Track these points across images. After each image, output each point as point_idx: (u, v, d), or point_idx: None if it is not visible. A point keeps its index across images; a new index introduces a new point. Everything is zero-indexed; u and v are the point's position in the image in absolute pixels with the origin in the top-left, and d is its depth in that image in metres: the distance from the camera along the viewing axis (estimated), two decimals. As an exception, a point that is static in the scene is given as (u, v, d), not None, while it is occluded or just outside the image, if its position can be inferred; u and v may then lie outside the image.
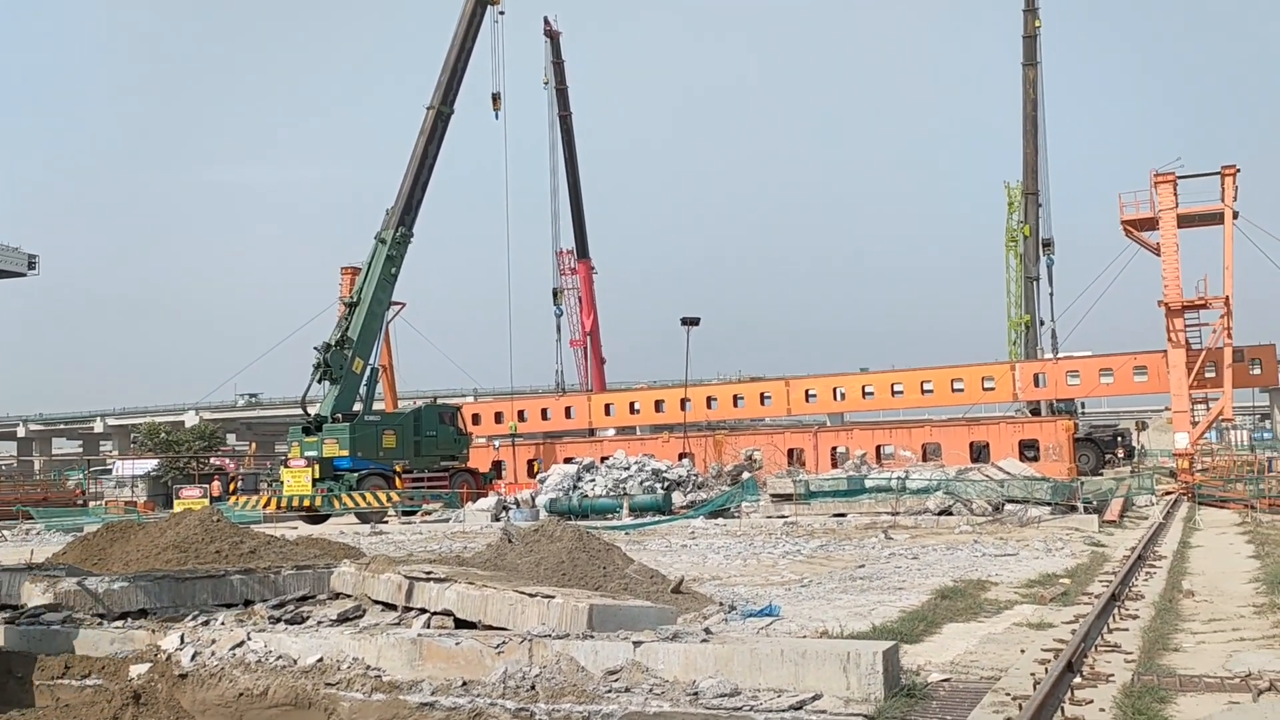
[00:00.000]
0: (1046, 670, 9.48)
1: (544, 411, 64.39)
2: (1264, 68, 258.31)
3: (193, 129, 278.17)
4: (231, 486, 44.97)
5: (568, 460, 45.75)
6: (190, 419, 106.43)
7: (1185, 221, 41.20)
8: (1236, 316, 41.01)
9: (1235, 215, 40.76)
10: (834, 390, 59.73)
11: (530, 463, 54.70)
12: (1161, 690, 9.20)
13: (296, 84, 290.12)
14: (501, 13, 49.59)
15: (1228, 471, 42.20)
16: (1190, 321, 42.03)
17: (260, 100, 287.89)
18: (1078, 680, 9.55)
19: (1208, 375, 42.45)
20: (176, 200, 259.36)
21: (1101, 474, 48.72)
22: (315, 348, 44.08)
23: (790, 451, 49.74)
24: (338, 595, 13.14)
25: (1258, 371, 50.05)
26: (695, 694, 8.58)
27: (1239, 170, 40.90)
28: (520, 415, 62.30)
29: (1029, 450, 45.61)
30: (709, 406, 60.74)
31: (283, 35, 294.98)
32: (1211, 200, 41.04)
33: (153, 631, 11.37)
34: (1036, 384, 54.00)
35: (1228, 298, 40.49)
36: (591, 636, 9.55)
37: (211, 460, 65.91)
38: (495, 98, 51.10)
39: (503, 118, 51.40)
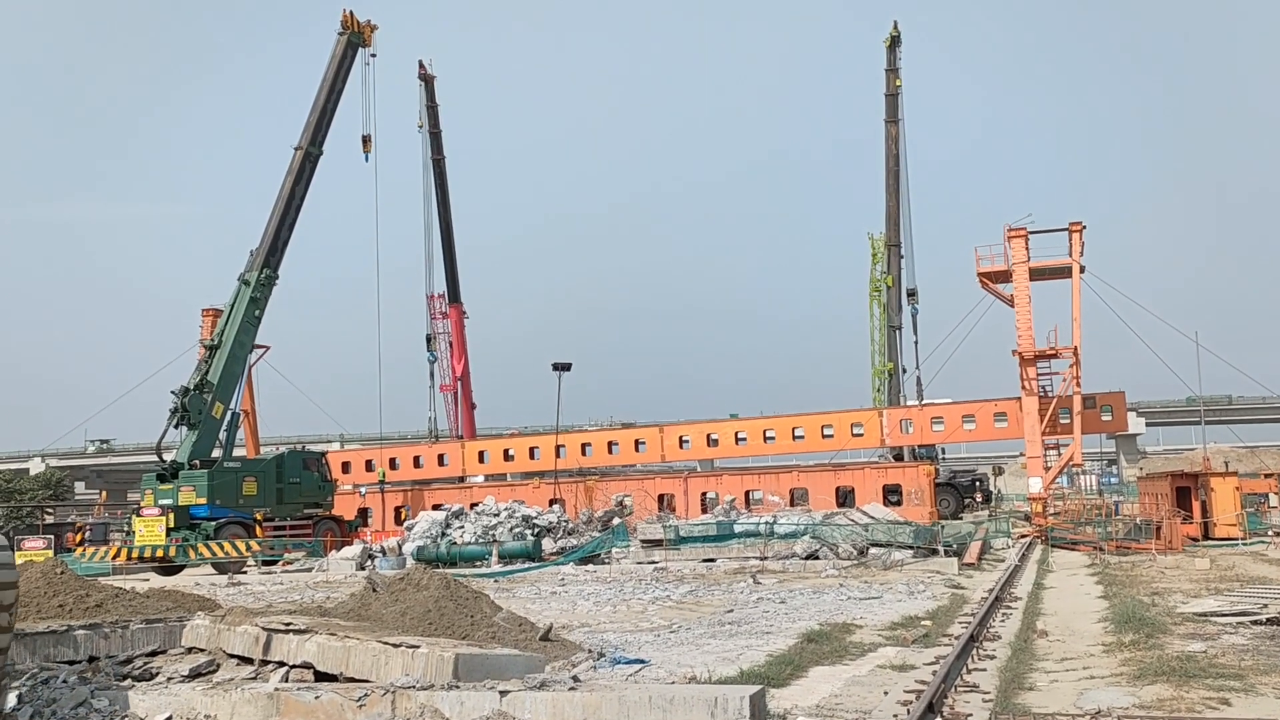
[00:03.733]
0: (908, 711, 9.66)
1: (417, 459, 63.38)
2: (1114, 124, 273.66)
3: (46, 161, 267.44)
4: (78, 537, 42.81)
5: (436, 507, 44.99)
6: (36, 466, 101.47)
7: (1036, 275, 43.05)
8: (1085, 365, 42.98)
9: (1082, 269, 42.79)
10: (707, 436, 60.33)
11: (398, 510, 53.64)
12: (1017, 728, 9.46)
13: (159, 119, 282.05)
14: (373, 55, 49.33)
15: (1078, 515, 44.00)
16: (1042, 370, 43.80)
17: (120, 135, 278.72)
18: (938, 720, 9.75)
19: (1062, 421, 44.23)
20: (24, 236, 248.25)
21: (961, 518, 50.20)
22: (173, 392, 42.56)
23: (661, 497, 49.92)
24: (191, 650, 12.60)
25: (1109, 418, 52.35)
26: (562, 743, 8.46)
27: (1085, 227, 43.02)
28: (392, 463, 61.20)
29: (892, 495, 46.72)
30: (584, 453, 60.64)
31: (141, 69, 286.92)
32: (1061, 254, 43.03)
33: (-14, 691, 10.68)
34: (903, 430, 55.47)
35: (1076, 348, 42.36)
36: (457, 686, 9.35)
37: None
38: (366, 140, 50.70)
39: (373, 160, 50.98)
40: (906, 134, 62.47)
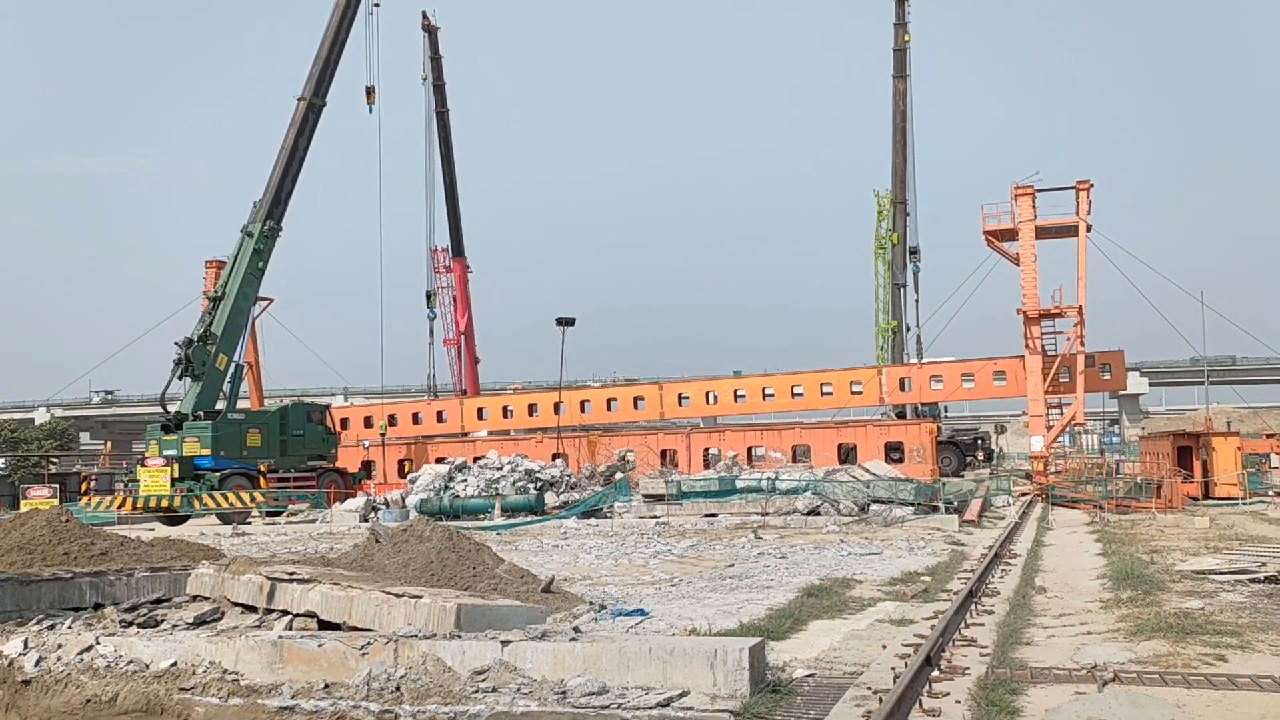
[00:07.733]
0: (906, 665, 9.72)
1: (415, 415, 63.40)
2: (1124, 81, 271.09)
3: (52, 115, 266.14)
4: (84, 486, 43.05)
5: (440, 460, 45.17)
6: (41, 416, 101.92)
7: (1043, 233, 42.87)
8: (1090, 325, 42.94)
9: (1089, 228, 42.58)
10: (707, 394, 60.37)
11: (401, 463, 53.82)
12: (1014, 682, 9.53)
13: (164, 74, 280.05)
14: (377, 4, 48.85)
15: (1079, 474, 44.14)
16: (1046, 329, 43.73)
17: (125, 89, 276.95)
18: (936, 674, 9.82)
19: (1062, 380, 44.22)
20: (32, 187, 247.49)
21: (962, 476, 50.32)
22: (176, 343, 42.59)
23: (663, 452, 50.06)
24: (195, 598, 12.70)
25: (1108, 376, 52.33)
26: (563, 693, 8.54)
27: (1093, 185, 42.74)
28: (391, 419, 61.17)
29: (894, 452, 46.81)
30: (583, 410, 60.67)
31: (152, 25, 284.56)
32: (1067, 213, 42.80)
33: (-7, 637, 10.80)
34: (902, 388, 55.46)
35: (1081, 307, 42.25)
36: (459, 636, 9.43)
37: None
38: (369, 91, 50.29)
39: (377, 112, 50.61)
40: (914, 91, 61.93)
